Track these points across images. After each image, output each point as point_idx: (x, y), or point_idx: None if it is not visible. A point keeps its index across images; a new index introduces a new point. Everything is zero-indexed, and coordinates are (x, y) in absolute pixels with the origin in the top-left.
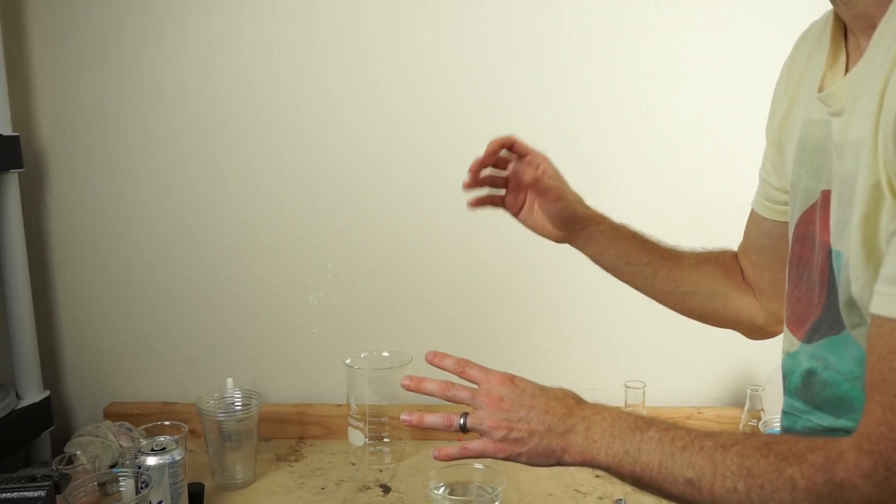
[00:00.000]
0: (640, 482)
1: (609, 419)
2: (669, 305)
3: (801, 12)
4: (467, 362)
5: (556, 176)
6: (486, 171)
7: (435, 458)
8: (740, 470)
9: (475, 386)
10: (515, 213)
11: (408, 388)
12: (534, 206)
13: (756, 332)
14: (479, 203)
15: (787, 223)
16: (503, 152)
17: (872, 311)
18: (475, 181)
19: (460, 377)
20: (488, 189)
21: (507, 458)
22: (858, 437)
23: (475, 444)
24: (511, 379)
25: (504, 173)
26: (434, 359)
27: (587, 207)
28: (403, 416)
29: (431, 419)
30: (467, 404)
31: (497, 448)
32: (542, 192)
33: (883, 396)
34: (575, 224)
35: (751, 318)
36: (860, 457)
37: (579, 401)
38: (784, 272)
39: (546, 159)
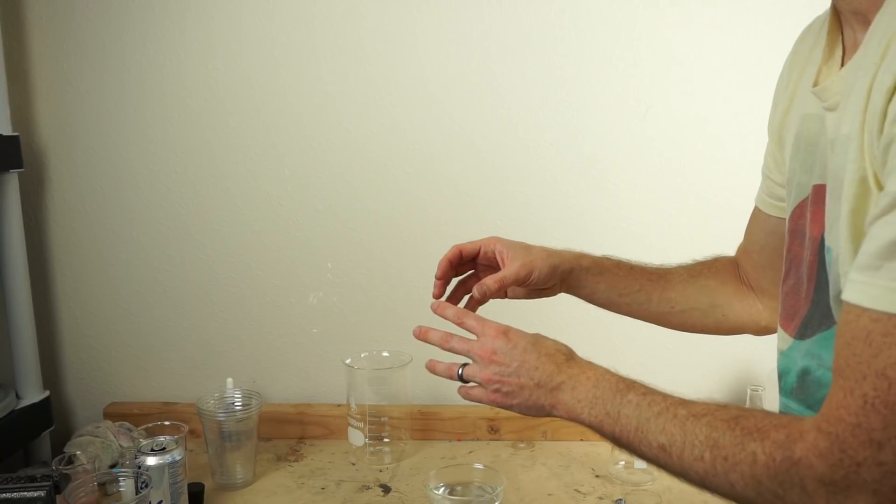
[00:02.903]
0: (620, 443)
1: (593, 380)
2: (671, 326)
3: (801, 12)
4: (466, 312)
5: (514, 250)
6: (454, 282)
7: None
8: (707, 440)
9: (474, 337)
10: (504, 297)
11: (416, 336)
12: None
13: (762, 331)
14: (471, 308)
15: None
16: None
17: (843, 297)
18: (442, 292)
19: (459, 327)
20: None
21: (501, 407)
22: (819, 419)
23: (475, 391)
24: (505, 332)
25: (470, 272)
26: (437, 308)
27: (560, 254)
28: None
29: (439, 367)
30: (464, 356)
31: (491, 398)
32: (513, 282)
33: (845, 381)
34: (556, 275)
35: (754, 319)
36: (819, 437)
37: (569, 357)
38: None
39: (496, 241)
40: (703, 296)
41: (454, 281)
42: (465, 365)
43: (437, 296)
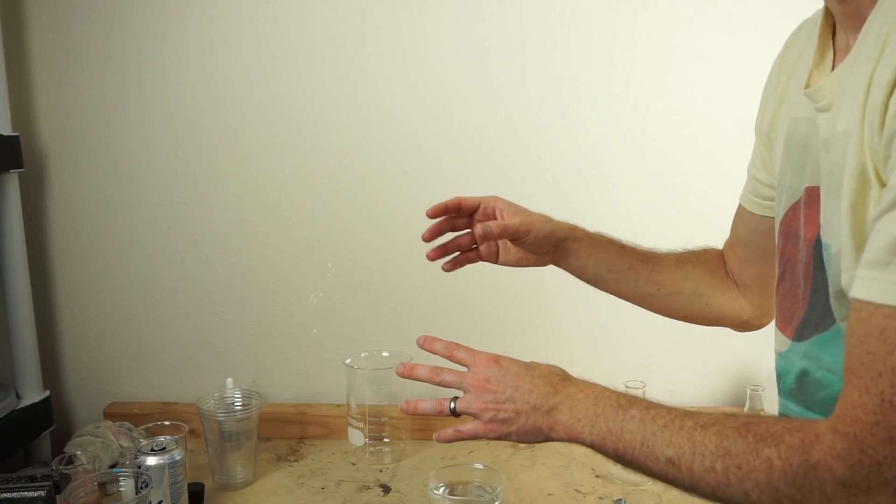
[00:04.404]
0: (624, 460)
1: (592, 397)
2: (654, 309)
3: (801, 12)
4: (456, 345)
5: (514, 209)
6: (447, 237)
7: (436, 440)
8: (718, 450)
9: (464, 369)
10: (494, 260)
11: (401, 375)
12: (507, 245)
13: (742, 325)
14: (456, 265)
15: (773, 219)
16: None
17: (852, 295)
18: (433, 236)
19: (450, 360)
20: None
21: (498, 438)
22: (835, 420)
23: (468, 427)
24: (496, 360)
25: (466, 231)
26: (425, 343)
27: (557, 223)
28: (401, 406)
29: (425, 406)
30: (456, 388)
31: (487, 429)
32: (512, 234)
33: (859, 380)
34: (551, 241)
35: (736, 313)
36: (835, 439)
37: (564, 378)
38: (770, 267)
39: (497, 199)
40: (688, 282)
41: (449, 237)
42: (456, 398)
43: (428, 238)
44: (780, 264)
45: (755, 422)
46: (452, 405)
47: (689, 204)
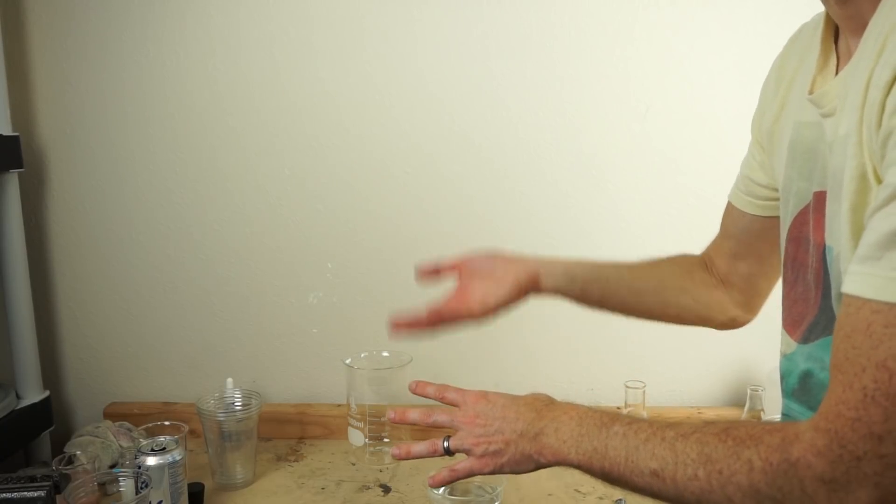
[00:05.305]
0: (610, 478)
1: (576, 418)
2: (649, 308)
3: (801, 12)
4: (446, 387)
5: None
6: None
7: (431, 485)
8: (700, 457)
9: (456, 408)
10: (475, 308)
11: (394, 421)
12: (484, 285)
13: (726, 324)
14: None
15: (766, 219)
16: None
17: (843, 290)
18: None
19: (441, 402)
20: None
21: (493, 472)
22: (817, 417)
23: (462, 465)
24: (484, 395)
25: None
26: (417, 388)
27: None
28: (393, 451)
29: (418, 448)
30: (448, 427)
31: (482, 464)
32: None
33: (844, 375)
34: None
35: (721, 308)
36: (816, 436)
37: (549, 403)
38: (759, 267)
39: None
40: (671, 277)
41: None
42: (448, 437)
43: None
44: (792, 269)
45: (735, 426)
46: (446, 444)
47: (689, 204)
